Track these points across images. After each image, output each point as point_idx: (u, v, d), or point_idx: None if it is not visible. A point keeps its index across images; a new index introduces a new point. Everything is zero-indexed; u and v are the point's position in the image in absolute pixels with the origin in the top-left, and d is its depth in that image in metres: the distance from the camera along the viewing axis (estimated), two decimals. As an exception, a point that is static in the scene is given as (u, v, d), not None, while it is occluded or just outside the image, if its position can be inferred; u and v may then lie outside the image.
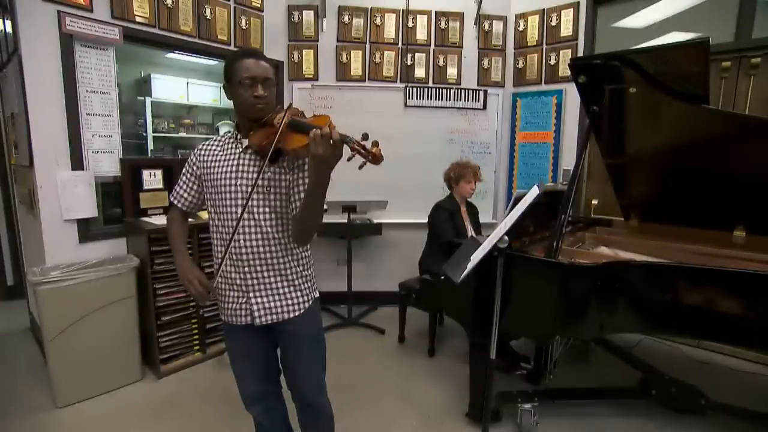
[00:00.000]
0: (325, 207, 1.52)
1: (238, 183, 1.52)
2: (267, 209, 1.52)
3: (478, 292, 2.28)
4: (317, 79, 4.08)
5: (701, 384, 2.59)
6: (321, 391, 1.75)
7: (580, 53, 3.81)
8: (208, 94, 4.79)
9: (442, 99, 4.17)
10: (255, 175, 1.51)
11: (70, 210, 2.82)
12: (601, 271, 2.06)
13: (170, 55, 4.06)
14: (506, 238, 1.74)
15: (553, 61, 4.00)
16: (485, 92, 4.22)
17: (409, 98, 4.14)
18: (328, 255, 4.29)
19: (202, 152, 1.62)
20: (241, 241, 1.53)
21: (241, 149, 1.54)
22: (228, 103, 4.85)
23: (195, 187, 1.66)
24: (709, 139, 2.24)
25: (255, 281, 1.56)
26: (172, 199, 1.67)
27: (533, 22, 4.07)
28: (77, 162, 2.83)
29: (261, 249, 1.54)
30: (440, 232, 3.17)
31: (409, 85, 4.14)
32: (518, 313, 2.14)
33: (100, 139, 2.95)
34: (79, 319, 2.65)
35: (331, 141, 1.24)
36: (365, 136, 1.27)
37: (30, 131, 2.65)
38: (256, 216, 1.52)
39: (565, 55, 3.91)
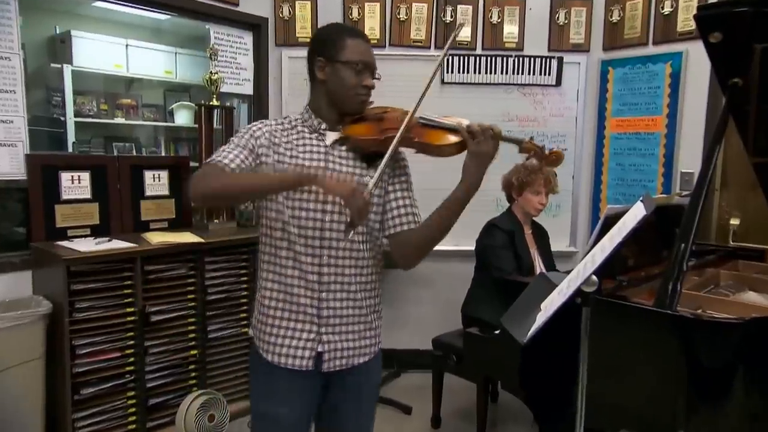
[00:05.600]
0: None
1: None
2: None
3: (552, 355, 2.25)
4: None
5: None
6: None
7: (713, -3, 3.81)
8: (157, 62, 4.77)
9: (495, 72, 4.16)
10: (349, 177, 1.68)
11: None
12: (752, 329, 1.96)
13: (99, 3, 4.10)
14: (595, 278, 1.64)
15: (667, 10, 3.92)
16: (560, 60, 4.19)
17: (448, 71, 4.13)
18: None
19: (271, 131, 1.75)
20: (325, 258, 1.69)
21: (326, 143, 1.74)
22: (186, 77, 4.91)
23: (251, 164, 1.70)
24: None
25: (330, 311, 1.72)
26: (221, 159, 1.66)
27: (636, -48, 4.10)
28: (-42, 159, 2.85)
29: (346, 271, 1.72)
30: (495, 264, 3.15)
31: (449, 52, 4.05)
32: (615, 391, 2.11)
33: (-5, 126, 2.93)
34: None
35: (492, 134, 1.61)
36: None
37: None
38: None
39: (688, 0, 3.82)
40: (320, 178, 1.54)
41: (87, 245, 2.92)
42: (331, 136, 1.74)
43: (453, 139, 1.68)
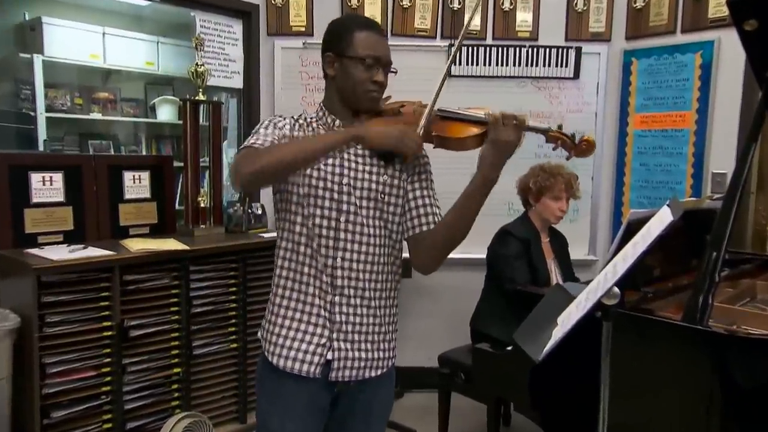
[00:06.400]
0: None
1: (344, 182, 1.76)
2: (380, 223, 1.79)
3: (569, 375, 2.27)
4: (312, 34, 4.09)
5: None
6: None
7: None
8: (138, 52, 4.78)
9: (507, 64, 4.18)
10: (366, 176, 1.78)
11: None
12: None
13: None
14: (617, 290, 1.63)
15: (697, -5, 3.93)
16: (578, 51, 4.20)
17: (455, 63, 4.10)
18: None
19: (291, 125, 1.84)
20: (339, 260, 1.74)
21: None
22: (169, 69, 4.94)
23: None
24: None
25: (343, 317, 1.76)
26: (254, 144, 1.74)
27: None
28: None
29: (361, 275, 1.77)
30: (507, 275, 3.16)
31: (457, 42, 4.06)
32: (640, 415, 2.13)
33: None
34: None
35: (515, 122, 1.64)
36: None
37: None
38: (367, 230, 1.76)
39: (721, -16, 3.83)
40: (365, 135, 1.64)
41: (59, 253, 2.89)
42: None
43: (475, 130, 1.72)
